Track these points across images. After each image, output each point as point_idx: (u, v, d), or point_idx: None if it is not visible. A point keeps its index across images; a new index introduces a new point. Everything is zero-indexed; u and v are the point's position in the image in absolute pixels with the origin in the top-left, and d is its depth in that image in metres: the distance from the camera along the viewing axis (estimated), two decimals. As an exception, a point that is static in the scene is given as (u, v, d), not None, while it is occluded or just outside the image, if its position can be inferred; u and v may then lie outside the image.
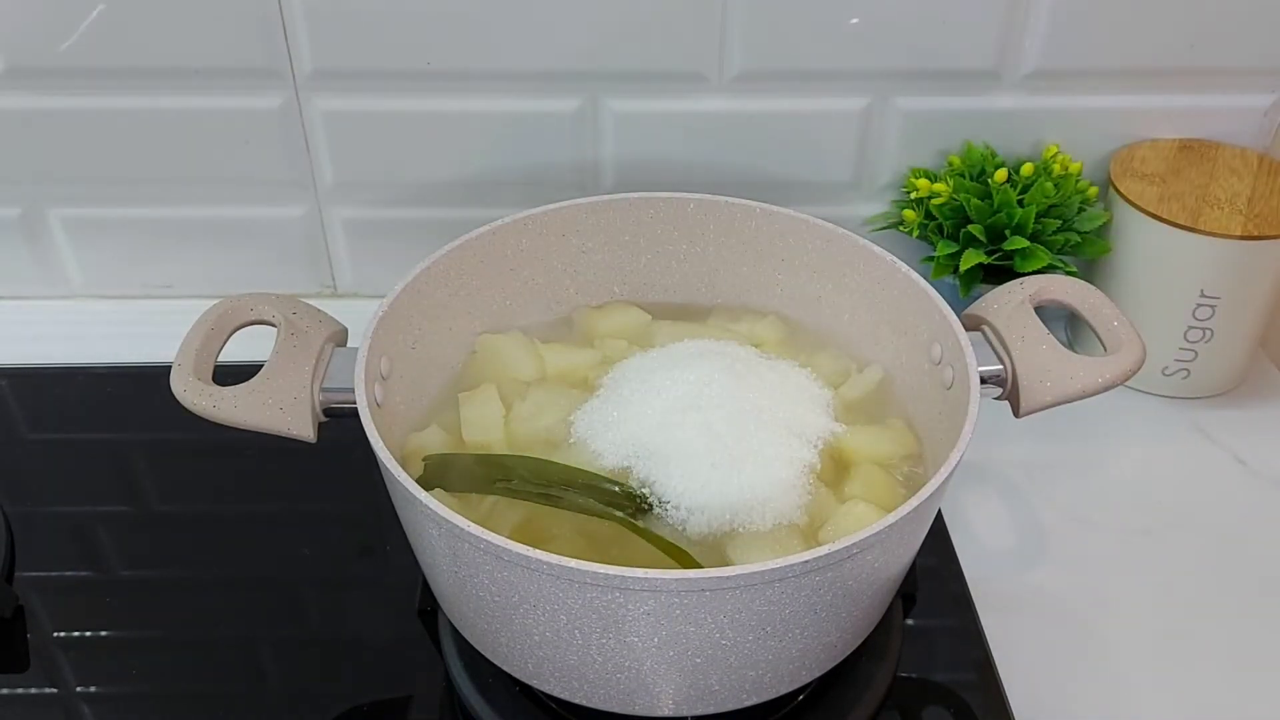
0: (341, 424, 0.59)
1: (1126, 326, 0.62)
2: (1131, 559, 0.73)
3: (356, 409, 0.57)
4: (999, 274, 0.80)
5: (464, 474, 0.62)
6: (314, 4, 0.77)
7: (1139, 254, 0.81)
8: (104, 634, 0.67)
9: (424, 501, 0.52)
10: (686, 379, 0.63)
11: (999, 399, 0.62)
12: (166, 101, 0.82)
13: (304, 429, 0.59)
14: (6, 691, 0.64)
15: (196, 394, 0.58)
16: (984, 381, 0.60)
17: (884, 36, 0.79)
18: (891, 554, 0.55)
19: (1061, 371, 0.61)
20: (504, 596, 0.53)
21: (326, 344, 0.62)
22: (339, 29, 0.79)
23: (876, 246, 0.68)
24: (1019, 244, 0.79)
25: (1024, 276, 0.66)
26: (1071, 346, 0.86)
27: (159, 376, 0.60)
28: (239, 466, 0.77)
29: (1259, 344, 0.86)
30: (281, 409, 0.58)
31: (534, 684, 0.58)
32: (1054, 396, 0.61)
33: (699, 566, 0.57)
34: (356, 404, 0.57)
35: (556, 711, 0.62)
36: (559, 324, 0.74)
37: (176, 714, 0.63)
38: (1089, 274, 0.84)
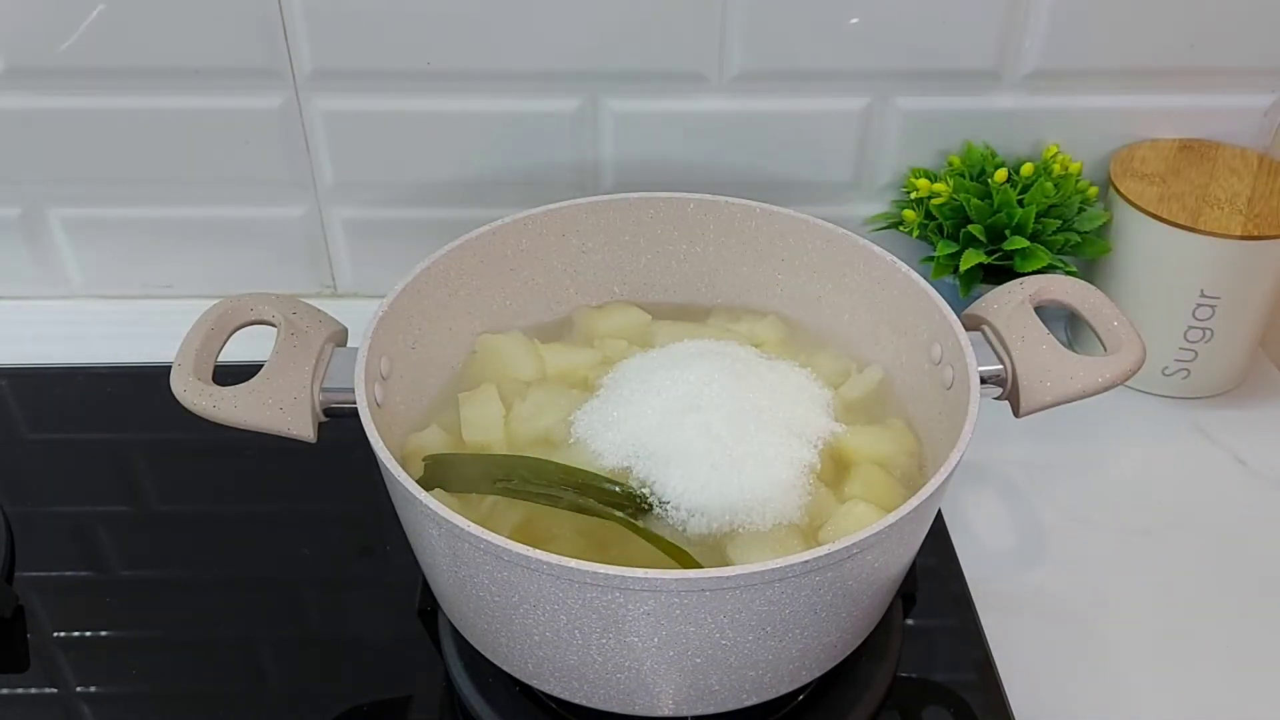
0: (341, 424, 0.59)
1: (1126, 326, 0.62)
2: (1131, 559, 0.73)
3: (356, 409, 0.57)
4: (999, 274, 0.80)
5: (464, 474, 0.62)
6: (314, 4, 0.77)
7: (1139, 254, 0.81)
8: (104, 634, 0.67)
9: (424, 501, 0.52)
10: (686, 379, 0.63)
11: (999, 399, 0.62)
12: (166, 101, 0.82)
13: (304, 429, 0.59)
14: (6, 691, 0.64)
15: (196, 394, 0.58)
16: (984, 381, 0.60)
17: (884, 36, 0.79)
18: (891, 554, 0.55)
19: (1061, 371, 0.61)
20: (504, 596, 0.53)
21: (326, 344, 0.62)
22: (339, 29, 0.79)
23: (876, 246, 0.68)
24: (1019, 244, 0.79)
25: (1024, 276, 0.66)
26: (1071, 346, 0.86)
27: (159, 376, 0.60)
28: (239, 466, 0.77)
29: (1259, 344, 0.86)
30: (281, 409, 0.58)
31: (534, 684, 0.58)
32: (1054, 396, 0.61)
33: (699, 566, 0.57)
34: (356, 404, 0.57)
35: (556, 711, 0.62)
36: (559, 324, 0.74)
37: (176, 714, 0.63)
38: (1089, 274, 0.84)
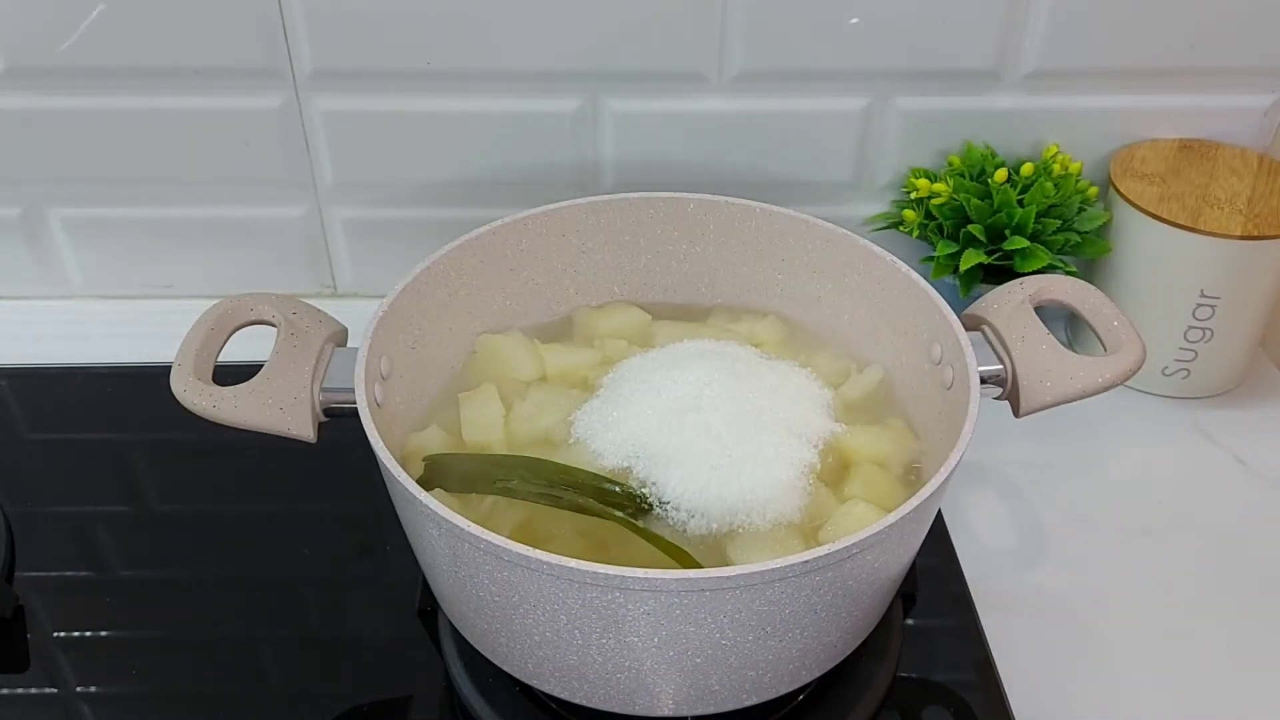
0: (341, 424, 0.59)
1: (1126, 326, 0.62)
2: (1131, 559, 0.73)
3: (356, 409, 0.57)
4: (999, 274, 0.80)
5: (464, 474, 0.62)
6: (314, 4, 0.77)
7: (1139, 254, 0.81)
8: (104, 634, 0.67)
9: (424, 501, 0.52)
10: (686, 379, 0.63)
11: (999, 399, 0.62)
12: (166, 101, 0.82)
13: (304, 429, 0.59)
14: (6, 691, 0.64)
15: (196, 394, 0.58)
16: (984, 381, 0.60)
17: (884, 36, 0.79)
18: (891, 554, 0.55)
19: (1061, 371, 0.61)
20: (504, 596, 0.53)
21: (326, 344, 0.62)
22: (339, 29, 0.79)
23: (876, 246, 0.68)
24: (1019, 244, 0.79)
25: (1024, 276, 0.66)
26: (1071, 346, 0.86)
27: (159, 376, 0.60)
28: (239, 466, 0.77)
29: (1259, 344, 0.86)
30: (281, 409, 0.58)
31: (534, 684, 0.58)
32: (1054, 396, 0.61)
33: (699, 566, 0.57)
34: (356, 404, 0.57)
35: (556, 711, 0.62)
36: (559, 324, 0.74)
37: (176, 714, 0.63)
38: (1089, 274, 0.84)
